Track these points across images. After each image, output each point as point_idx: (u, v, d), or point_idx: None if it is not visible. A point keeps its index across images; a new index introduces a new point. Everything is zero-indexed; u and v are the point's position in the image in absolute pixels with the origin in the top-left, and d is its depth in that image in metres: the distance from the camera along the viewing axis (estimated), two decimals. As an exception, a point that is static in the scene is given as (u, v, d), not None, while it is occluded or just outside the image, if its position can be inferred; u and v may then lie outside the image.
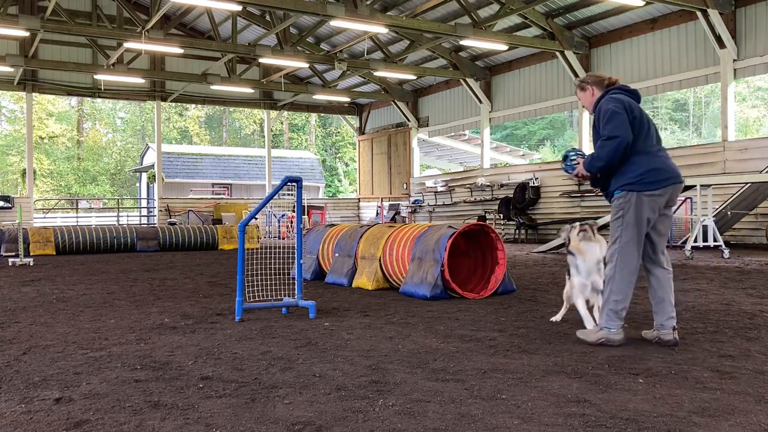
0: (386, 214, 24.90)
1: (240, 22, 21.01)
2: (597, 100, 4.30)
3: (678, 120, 38.77)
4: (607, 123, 4.06)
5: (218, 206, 24.77)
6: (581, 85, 4.43)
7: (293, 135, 47.56)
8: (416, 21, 16.15)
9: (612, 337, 4.02)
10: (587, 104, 4.42)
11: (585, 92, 4.40)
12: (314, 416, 2.73)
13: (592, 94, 4.36)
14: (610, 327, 4.03)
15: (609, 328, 4.03)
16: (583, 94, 4.42)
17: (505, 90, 20.90)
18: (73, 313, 5.64)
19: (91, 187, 42.96)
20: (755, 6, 14.19)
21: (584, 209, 17.83)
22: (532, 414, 2.73)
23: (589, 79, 4.40)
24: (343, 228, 8.40)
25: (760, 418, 2.66)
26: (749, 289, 6.73)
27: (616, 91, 4.26)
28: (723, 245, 10.77)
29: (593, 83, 4.37)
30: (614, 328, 4.02)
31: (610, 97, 4.21)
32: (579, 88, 4.46)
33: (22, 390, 3.17)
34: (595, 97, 4.34)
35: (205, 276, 9.07)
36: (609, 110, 4.09)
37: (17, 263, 11.26)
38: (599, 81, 4.37)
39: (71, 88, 23.23)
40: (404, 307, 5.80)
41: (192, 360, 3.78)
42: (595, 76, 4.42)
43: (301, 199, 5.61)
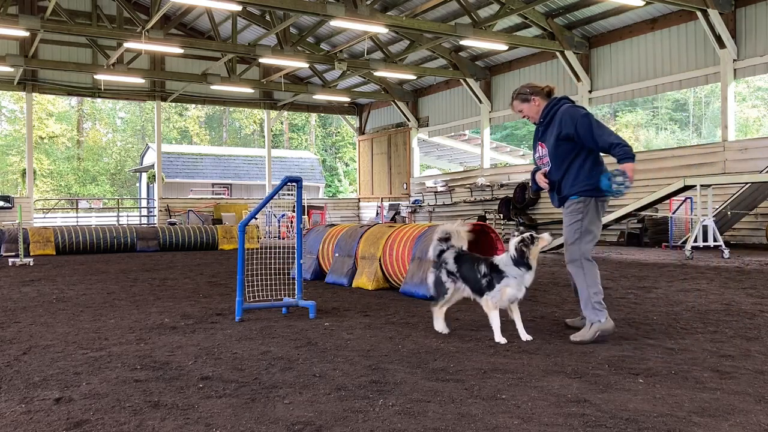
0: (386, 214, 24.90)
1: (240, 22, 21.01)
2: (548, 108, 4.43)
3: (678, 120, 38.76)
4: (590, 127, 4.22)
5: (218, 206, 24.78)
6: (524, 97, 4.51)
7: (293, 135, 47.56)
8: (416, 21, 16.15)
9: (605, 327, 4.17)
10: (532, 114, 4.51)
11: (529, 103, 4.49)
12: (314, 416, 2.73)
13: (537, 104, 4.47)
14: (600, 318, 4.19)
15: (600, 319, 4.18)
16: (527, 105, 4.50)
17: (504, 90, 20.89)
18: (73, 313, 5.64)
19: (91, 187, 42.96)
20: (755, 6, 14.20)
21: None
22: (532, 414, 2.73)
23: (529, 89, 4.50)
24: (343, 228, 8.40)
25: (760, 418, 2.66)
26: (749, 289, 6.73)
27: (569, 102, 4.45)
28: (723, 245, 10.77)
29: (536, 93, 4.48)
30: (603, 318, 4.19)
31: (572, 105, 4.39)
32: (520, 100, 4.52)
33: (22, 390, 3.17)
34: (540, 106, 4.47)
35: (205, 276, 9.07)
36: (581, 114, 4.29)
37: (17, 263, 11.26)
38: (540, 90, 4.49)
39: (71, 88, 23.23)
40: (404, 307, 5.80)
41: (192, 360, 3.78)
42: (534, 86, 4.52)
43: (301, 199, 5.61)
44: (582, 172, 4.29)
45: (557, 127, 4.30)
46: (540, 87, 4.50)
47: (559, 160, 4.35)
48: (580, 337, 4.18)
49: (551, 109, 4.40)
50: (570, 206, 4.35)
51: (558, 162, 4.36)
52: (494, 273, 4.23)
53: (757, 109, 34.89)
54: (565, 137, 4.28)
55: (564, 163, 4.33)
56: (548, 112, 4.40)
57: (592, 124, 4.22)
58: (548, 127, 4.41)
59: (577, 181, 4.30)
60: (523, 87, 4.54)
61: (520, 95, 4.52)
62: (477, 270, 4.29)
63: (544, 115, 4.42)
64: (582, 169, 4.30)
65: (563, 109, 4.34)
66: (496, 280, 4.21)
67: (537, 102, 4.46)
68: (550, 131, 4.37)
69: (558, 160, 4.35)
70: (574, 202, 4.32)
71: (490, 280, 4.22)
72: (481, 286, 4.26)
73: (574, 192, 4.31)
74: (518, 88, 4.58)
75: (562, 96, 4.46)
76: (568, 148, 4.31)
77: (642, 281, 7.66)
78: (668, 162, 15.90)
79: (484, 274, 4.25)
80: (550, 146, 4.36)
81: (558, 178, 4.39)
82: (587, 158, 4.31)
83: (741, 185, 13.02)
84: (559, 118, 4.31)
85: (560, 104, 4.39)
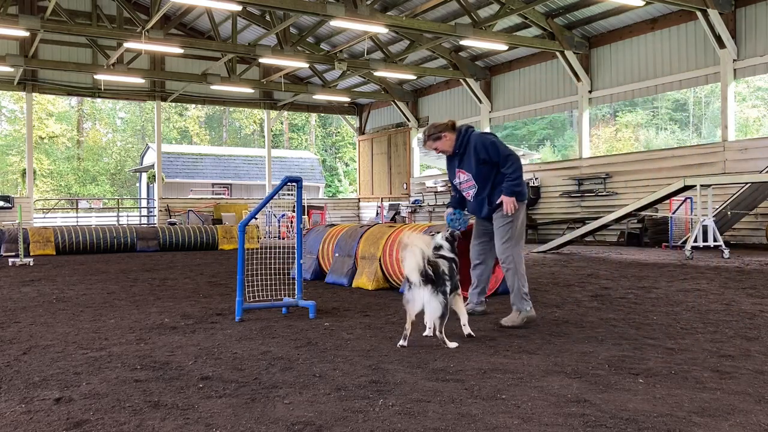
0: (386, 214, 24.90)
1: (240, 22, 21.00)
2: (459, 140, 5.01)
3: (678, 120, 38.77)
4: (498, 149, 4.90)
5: (218, 206, 24.77)
6: (436, 136, 5.05)
7: (293, 135, 47.56)
8: (416, 21, 16.15)
9: (531, 315, 4.84)
10: (447, 148, 5.08)
11: (442, 140, 5.05)
12: (314, 416, 2.73)
13: (448, 138, 5.05)
14: (527, 307, 4.84)
15: (527, 308, 4.84)
16: (440, 142, 5.06)
17: (505, 90, 20.90)
18: (73, 313, 5.65)
19: (91, 187, 42.96)
20: (755, 6, 14.19)
21: (584, 209, 17.83)
22: (532, 414, 2.73)
23: (437, 129, 5.05)
24: (343, 228, 8.40)
25: (760, 418, 2.66)
26: (749, 289, 6.73)
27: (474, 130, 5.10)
28: (723, 245, 10.77)
29: (445, 130, 5.04)
30: (529, 307, 4.86)
31: (480, 134, 5.04)
32: (433, 139, 5.06)
33: (22, 390, 3.17)
34: (451, 140, 5.05)
35: (205, 276, 9.07)
36: (490, 141, 4.96)
37: (17, 263, 11.26)
38: (446, 126, 5.05)
39: (71, 88, 23.23)
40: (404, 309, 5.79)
41: (192, 360, 3.78)
42: (440, 125, 5.07)
43: (301, 199, 5.61)
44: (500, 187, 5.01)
45: (474, 154, 4.96)
46: (444, 123, 5.08)
47: (483, 180, 5.04)
48: (510, 322, 4.77)
49: (462, 139, 5.02)
50: (500, 211, 5.01)
51: (483, 182, 5.05)
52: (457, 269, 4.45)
53: (757, 109, 34.89)
54: (483, 162, 4.96)
55: (488, 181, 5.04)
56: (461, 143, 5.02)
57: (499, 150, 4.91)
58: (464, 156, 5.05)
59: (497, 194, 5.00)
60: (430, 128, 5.09)
61: (431, 136, 5.07)
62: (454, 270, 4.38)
63: (458, 146, 5.03)
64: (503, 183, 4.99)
65: (474, 138, 5.00)
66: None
67: (447, 137, 5.04)
68: (467, 159, 5.02)
69: (483, 181, 5.05)
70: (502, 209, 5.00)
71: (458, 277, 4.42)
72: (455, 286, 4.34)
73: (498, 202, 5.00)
74: (426, 129, 5.12)
75: (467, 126, 5.11)
76: (487, 168, 5.00)
77: (642, 281, 7.66)
78: (668, 162, 15.90)
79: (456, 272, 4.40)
80: (473, 171, 5.03)
81: (487, 194, 5.07)
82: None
83: (741, 185, 13.02)
84: (473, 146, 4.97)
85: (468, 133, 5.04)
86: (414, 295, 4.06)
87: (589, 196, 17.66)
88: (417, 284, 4.01)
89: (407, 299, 4.12)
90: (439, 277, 4.08)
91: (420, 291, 4.03)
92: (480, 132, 5.09)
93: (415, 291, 4.04)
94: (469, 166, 5.03)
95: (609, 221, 12.54)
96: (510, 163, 4.89)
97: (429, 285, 4.02)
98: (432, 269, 4.06)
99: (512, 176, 4.88)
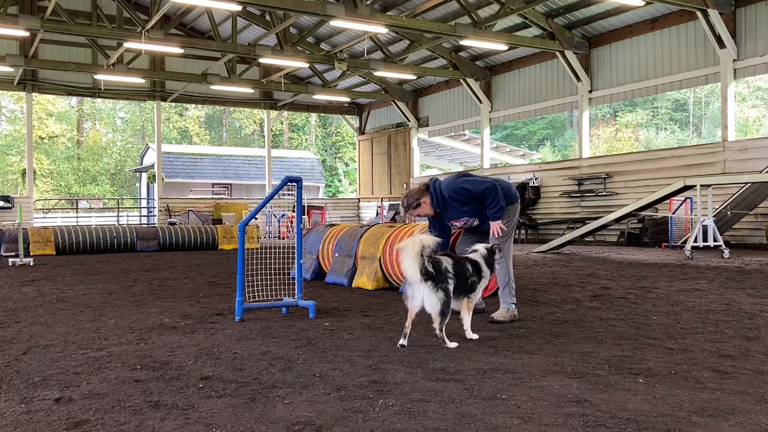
0: (386, 214, 24.89)
1: (240, 22, 21.00)
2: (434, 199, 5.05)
3: (678, 120, 38.77)
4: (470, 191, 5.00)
5: (218, 206, 24.77)
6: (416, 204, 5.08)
7: (293, 135, 47.55)
8: (416, 21, 16.14)
9: (515, 312, 5.09)
10: (429, 211, 5.12)
11: (422, 205, 5.09)
12: (314, 416, 2.73)
13: (426, 201, 5.09)
14: (515, 303, 5.12)
15: (515, 304, 5.12)
16: (421, 207, 5.10)
17: (505, 90, 20.90)
18: (73, 313, 5.65)
19: (91, 187, 42.95)
20: (755, 6, 14.19)
21: (584, 209, 17.83)
22: (532, 414, 2.73)
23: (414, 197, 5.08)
24: (343, 228, 8.40)
25: (760, 418, 2.66)
26: (749, 289, 6.73)
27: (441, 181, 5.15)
28: (723, 245, 10.77)
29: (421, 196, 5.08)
30: (515, 304, 5.13)
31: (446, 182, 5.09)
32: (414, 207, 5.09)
33: (22, 390, 3.17)
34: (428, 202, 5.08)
35: (205, 276, 9.07)
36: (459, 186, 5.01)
37: (17, 263, 11.26)
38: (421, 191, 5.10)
39: (71, 88, 23.23)
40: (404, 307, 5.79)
41: (192, 360, 3.78)
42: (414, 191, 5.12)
43: (301, 199, 5.61)
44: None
45: (454, 204, 5.05)
46: (418, 189, 5.13)
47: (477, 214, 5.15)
48: (501, 317, 4.99)
49: (438, 196, 5.07)
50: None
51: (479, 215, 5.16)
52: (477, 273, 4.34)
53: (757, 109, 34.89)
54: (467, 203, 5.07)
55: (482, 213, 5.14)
56: (438, 201, 5.07)
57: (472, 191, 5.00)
58: (447, 210, 5.11)
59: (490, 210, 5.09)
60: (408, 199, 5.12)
61: (411, 206, 5.11)
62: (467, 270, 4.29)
63: (436, 205, 5.08)
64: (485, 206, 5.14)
65: (445, 190, 5.05)
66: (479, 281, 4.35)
67: (425, 200, 5.09)
68: (452, 211, 5.10)
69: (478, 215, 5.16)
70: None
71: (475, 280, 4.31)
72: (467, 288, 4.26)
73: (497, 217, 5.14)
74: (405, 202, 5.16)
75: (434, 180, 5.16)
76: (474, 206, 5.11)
77: (642, 281, 7.66)
78: (668, 162, 15.90)
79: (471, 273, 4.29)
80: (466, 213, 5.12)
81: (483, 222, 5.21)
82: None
83: (741, 185, 13.02)
84: (448, 198, 5.04)
85: (436, 188, 5.07)
86: (414, 291, 4.03)
87: (589, 196, 17.66)
88: (416, 280, 3.95)
89: (407, 295, 4.10)
90: (441, 274, 4.01)
91: (420, 287, 3.98)
92: (446, 180, 5.15)
93: (415, 287, 4.00)
94: (459, 214, 5.12)
95: (609, 221, 12.54)
96: (486, 196, 4.98)
97: (429, 281, 3.95)
98: (433, 266, 4.00)
99: (492, 206, 5.00)
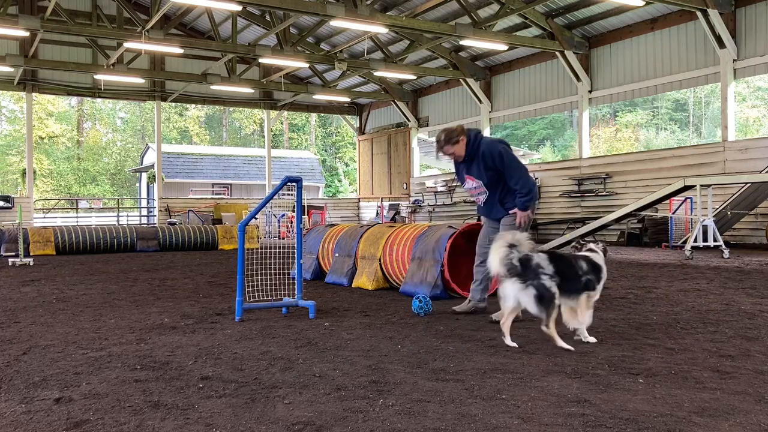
0: (386, 214, 24.89)
1: (240, 22, 21.00)
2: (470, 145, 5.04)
3: (678, 120, 38.76)
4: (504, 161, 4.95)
5: (218, 206, 24.77)
6: (455, 140, 5.06)
7: (293, 135, 47.55)
8: (416, 21, 16.14)
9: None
10: (460, 153, 5.11)
11: (459, 144, 5.08)
12: (314, 416, 2.73)
13: (464, 144, 5.07)
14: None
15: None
16: (458, 146, 5.08)
17: (505, 90, 20.90)
18: (73, 313, 5.64)
19: (91, 187, 42.95)
20: (755, 6, 14.19)
21: (584, 209, 17.83)
22: (532, 414, 2.73)
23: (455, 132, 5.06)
24: (343, 228, 8.40)
25: (760, 418, 2.66)
26: (749, 289, 6.73)
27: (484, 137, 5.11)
28: (723, 245, 10.77)
29: (461, 134, 5.07)
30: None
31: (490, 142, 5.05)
32: (452, 144, 5.06)
33: (22, 390, 3.17)
34: (465, 144, 5.07)
35: (205, 276, 9.07)
36: (498, 151, 4.96)
37: (17, 263, 11.26)
38: (461, 130, 5.09)
39: (71, 88, 23.23)
40: (404, 307, 5.80)
41: (192, 360, 3.78)
42: (455, 129, 5.10)
43: (301, 199, 5.61)
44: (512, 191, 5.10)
45: (482, 161, 5.01)
46: (458, 128, 5.12)
47: (494, 186, 5.12)
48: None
49: (472, 145, 5.05)
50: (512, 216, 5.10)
51: (494, 187, 5.13)
52: (594, 271, 4.13)
53: (757, 109, 34.88)
54: (492, 168, 5.02)
55: (499, 187, 5.12)
56: (471, 148, 5.05)
57: (505, 162, 4.96)
58: (472, 162, 5.09)
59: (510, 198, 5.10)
60: (448, 132, 5.09)
61: (450, 140, 5.07)
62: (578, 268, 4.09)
63: (468, 152, 5.07)
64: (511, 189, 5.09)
65: (483, 145, 5.02)
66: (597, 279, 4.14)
67: (463, 141, 5.08)
68: (476, 165, 5.07)
69: (494, 186, 5.13)
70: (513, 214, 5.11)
71: (591, 278, 4.10)
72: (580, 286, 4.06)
73: (512, 207, 5.09)
74: (443, 134, 5.12)
75: (477, 131, 5.12)
76: (497, 175, 5.06)
77: (642, 281, 7.66)
78: (668, 162, 15.90)
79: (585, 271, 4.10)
80: (483, 177, 5.09)
81: (499, 197, 5.16)
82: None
83: (741, 185, 13.02)
84: (481, 153, 5.01)
85: (478, 140, 5.06)
86: (504, 290, 4.00)
87: (589, 196, 17.66)
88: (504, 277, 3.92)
89: (500, 295, 4.11)
90: (530, 270, 3.89)
91: (507, 284, 3.92)
92: (490, 139, 5.11)
93: (504, 284, 3.97)
94: (478, 173, 5.09)
95: (609, 221, 12.54)
96: (517, 179, 4.93)
97: (515, 277, 3.88)
98: (521, 262, 3.91)
99: (522, 191, 4.94)
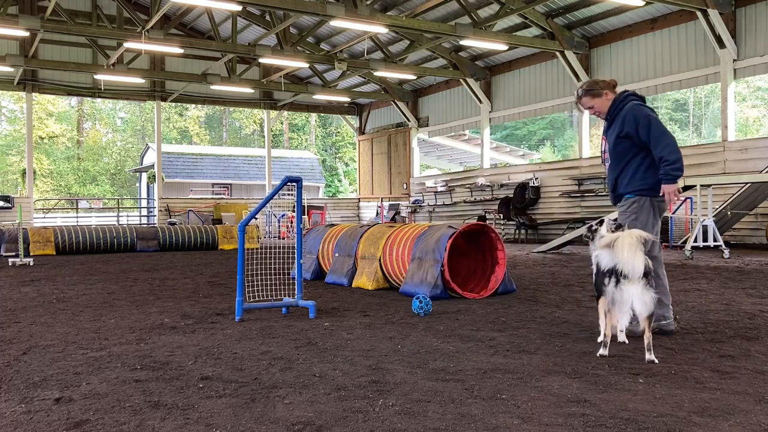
0: (386, 214, 24.89)
1: (240, 22, 21.00)
2: (615, 104, 4.36)
3: (678, 120, 38.76)
4: (649, 129, 4.16)
5: (218, 206, 24.77)
6: (596, 92, 4.42)
7: (293, 135, 47.55)
8: (416, 21, 16.14)
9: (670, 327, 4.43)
10: (604, 109, 4.42)
11: (601, 98, 4.41)
12: (314, 416, 2.73)
13: (609, 98, 4.40)
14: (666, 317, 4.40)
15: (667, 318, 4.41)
16: (600, 99, 4.41)
17: (505, 90, 20.89)
18: (73, 313, 5.64)
19: (91, 187, 42.95)
20: (755, 6, 14.19)
21: (584, 209, 17.83)
22: (532, 414, 2.73)
23: (600, 84, 4.44)
24: (343, 228, 8.40)
25: (760, 418, 2.66)
26: (749, 289, 6.73)
27: (637, 99, 4.36)
28: (723, 245, 10.77)
29: (606, 88, 4.41)
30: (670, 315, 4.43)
31: (637, 104, 4.31)
32: (592, 95, 4.42)
33: (22, 390, 3.17)
34: (610, 100, 4.39)
35: (205, 276, 9.07)
36: (644, 114, 4.21)
37: (17, 263, 11.26)
38: (608, 84, 4.44)
39: (71, 88, 23.22)
40: (404, 307, 5.80)
41: (192, 360, 3.78)
42: (603, 81, 4.47)
43: (301, 199, 5.61)
44: (639, 171, 4.28)
45: (620, 124, 4.29)
46: (608, 81, 4.46)
47: (618, 157, 4.34)
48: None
49: (618, 105, 4.35)
50: (624, 205, 4.35)
51: (617, 159, 4.34)
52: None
53: (757, 109, 34.89)
54: (625, 135, 4.26)
55: (622, 161, 4.32)
56: (615, 108, 4.36)
57: (651, 128, 4.16)
58: (612, 123, 4.38)
59: (633, 180, 4.29)
60: (591, 83, 4.49)
61: (590, 91, 4.43)
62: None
63: (611, 111, 4.38)
64: (639, 168, 4.28)
65: (628, 106, 4.30)
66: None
67: (608, 96, 4.41)
68: (613, 127, 4.35)
69: (617, 158, 4.34)
70: (630, 201, 4.31)
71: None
72: None
73: (630, 191, 4.30)
74: (584, 84, 4.53)
75: (630, 92, 4.42)
76: (627, 146, 4.29)
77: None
78: (668, 162, 15.86)
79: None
80: (611, 143, 4.36)
81: (615, 176, 4.39)
82: (646, 157, 4.26)
83: (741, 185, 13.01)
84: (623, 115, 4.28)
85: (626, 101, 4.34)
86: (623, 293, 3.58)
87: (589, 196, 17.65)
88: (635, 278, 3.54)
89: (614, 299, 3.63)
90: (649, 272, 3.64)
91: (631, 285, 3.56)
92: (640, 104, 4.34)
93: (626, 286, 3.57)
94: (610, 136, 4.39)
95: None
96: (663, 145, 4.11)
97: (645, 278, 3.58)
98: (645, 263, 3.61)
99: (669, 158, 4.09)
